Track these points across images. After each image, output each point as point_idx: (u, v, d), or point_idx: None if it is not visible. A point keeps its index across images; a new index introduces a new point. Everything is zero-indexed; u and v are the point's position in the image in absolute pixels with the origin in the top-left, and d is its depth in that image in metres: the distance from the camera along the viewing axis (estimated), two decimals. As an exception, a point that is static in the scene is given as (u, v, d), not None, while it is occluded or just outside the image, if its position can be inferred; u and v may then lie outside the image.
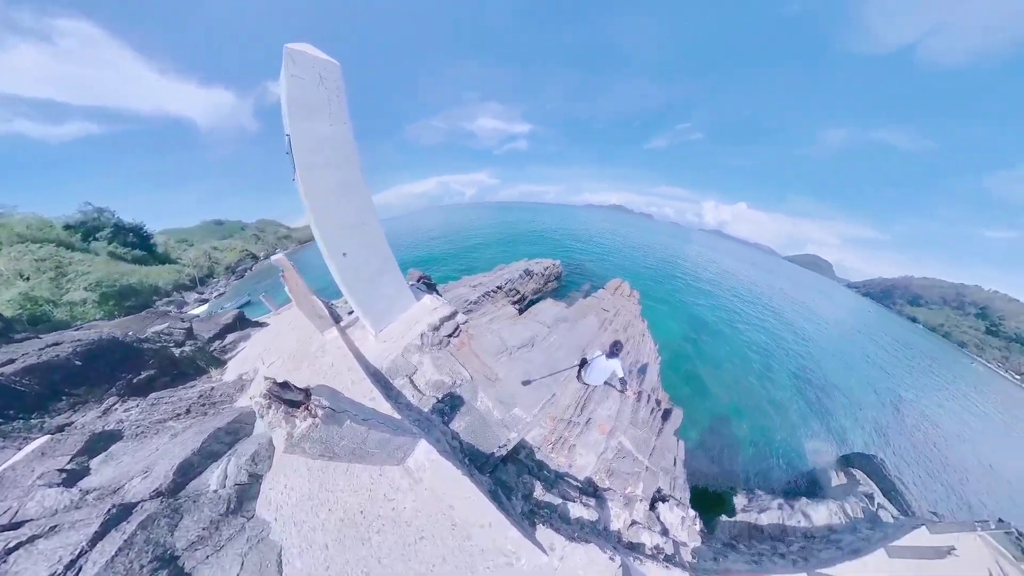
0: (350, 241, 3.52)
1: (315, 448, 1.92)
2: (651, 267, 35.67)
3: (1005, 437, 21.87)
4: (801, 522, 5.96)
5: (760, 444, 11.40)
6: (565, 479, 3.88)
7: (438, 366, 3.82)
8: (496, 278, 15.88)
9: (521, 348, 4.89)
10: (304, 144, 2.90)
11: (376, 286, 3.98)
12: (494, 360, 4.16)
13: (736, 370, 16.35)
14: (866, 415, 16.49)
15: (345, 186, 3.37)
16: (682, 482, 5.69)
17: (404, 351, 3.92)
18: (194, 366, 4.45)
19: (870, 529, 5.61)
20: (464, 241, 39.97)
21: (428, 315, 4.31)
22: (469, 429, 3.30)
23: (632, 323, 12.83)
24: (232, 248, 45.05)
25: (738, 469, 9.90)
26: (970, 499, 12.01)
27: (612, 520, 3.51)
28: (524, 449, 4.09)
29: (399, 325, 4.23)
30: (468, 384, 3.76)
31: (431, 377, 3.70)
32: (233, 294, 30.04)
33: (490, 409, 3.60)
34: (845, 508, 6.40)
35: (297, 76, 2.73)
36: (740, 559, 4.28)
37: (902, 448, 14.10)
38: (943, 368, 36.45)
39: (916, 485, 10.79)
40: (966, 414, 23.37)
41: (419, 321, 4.22)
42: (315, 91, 2.87)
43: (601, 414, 4.89)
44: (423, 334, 4.04)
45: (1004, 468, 15.47)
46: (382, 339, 4.09)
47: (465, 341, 4.30)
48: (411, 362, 3.82)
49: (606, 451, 4.43)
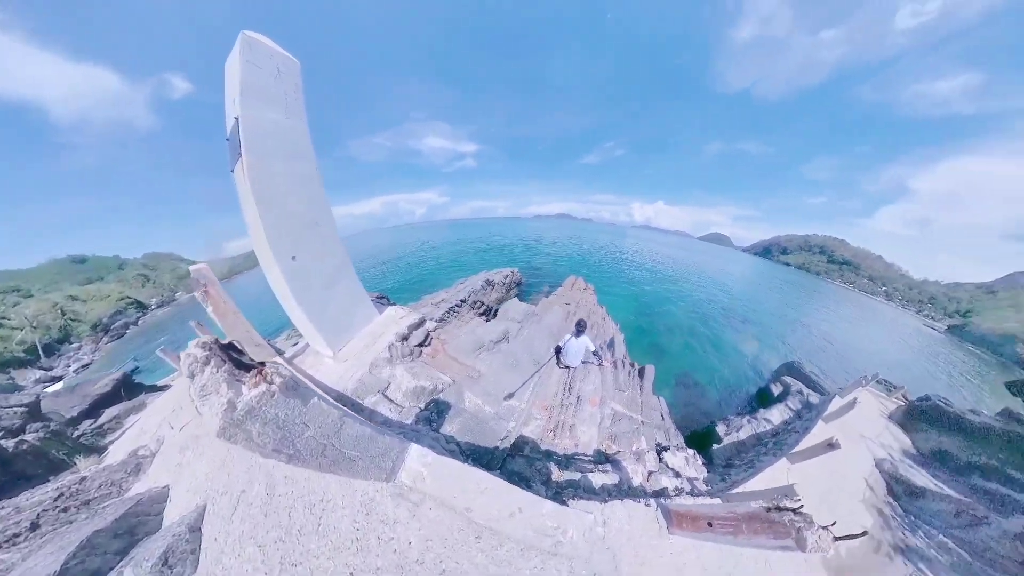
0: (301, 242, 3.10)
1: (267, 434, 1.36)
2: (599, 262, 39.70)
3: (852, 323, 33.83)
4: (767, 427, 7.44)
5: (717, 382, 13.70)
6: (576, 458, 3.85)
7: (414, 373, 3.51)
8: (458, 292, 15.50)
9: (498, 343, 4.78)
10: (255, 130, 2.63)
11: (330, 296, 3.53)
12: (473, 358, 3.96)
13: (683, 331, 19.04)
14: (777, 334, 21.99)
15: (298, 180, 3.06)
16: (674, 431, 6.45)
17: (371, 367, 3.50)
18: (44, 461, 3.09)
19: (808, 411, 7.42)
20: (421, 264, 38.21)
21: (394, 325, 3.96)
22: (464, 430, 3.07)
23: (593, 310, 13.86)
24: (102, 296, 30.41)
25: (710, 406, 11.66)
26: (848, 366, 17.67)
27: (632, 476, 3.63)
28: (527, 445, 3.93)
29: (361, 341, 3.78)
30: (451, 388, 3.53)
31: (408, 385, 3.36)
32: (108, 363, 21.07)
33: (480, 406, 3.42)
34: (788, 405, 8.48)
35: (253, 63, 2.60)
36: (741, 471, 4.98)
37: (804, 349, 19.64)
38: (810, 290, 55.61)
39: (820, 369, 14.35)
40: (829, 313, 35.79)
41: (384, 333, 3.83)
42: (272, 82, 2.76)
43: (588, 389, 5.06)
44: (391, 346, 3.68)
45: (858, 342, 24.73)
46: (342, 358, 3.59)
47: (439, 348, 4.03)
48: (382, 377, 3.42)
49: (603, 420, 4.59)
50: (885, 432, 6.74)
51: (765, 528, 1.24)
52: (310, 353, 3.75)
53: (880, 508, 4.84)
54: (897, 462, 5.79)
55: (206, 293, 3.20)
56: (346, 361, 3.56)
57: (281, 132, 2.88)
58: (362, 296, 3.93)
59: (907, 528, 4.56)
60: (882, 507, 4.87)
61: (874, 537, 4.32)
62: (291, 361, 3.66)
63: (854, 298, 62.76)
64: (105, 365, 21.49)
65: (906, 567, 3.95)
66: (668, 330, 19.11)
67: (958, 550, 4.14)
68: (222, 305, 3.27)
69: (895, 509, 4.88)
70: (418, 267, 35.94)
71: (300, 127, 3.04)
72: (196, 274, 3.21)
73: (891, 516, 4.70)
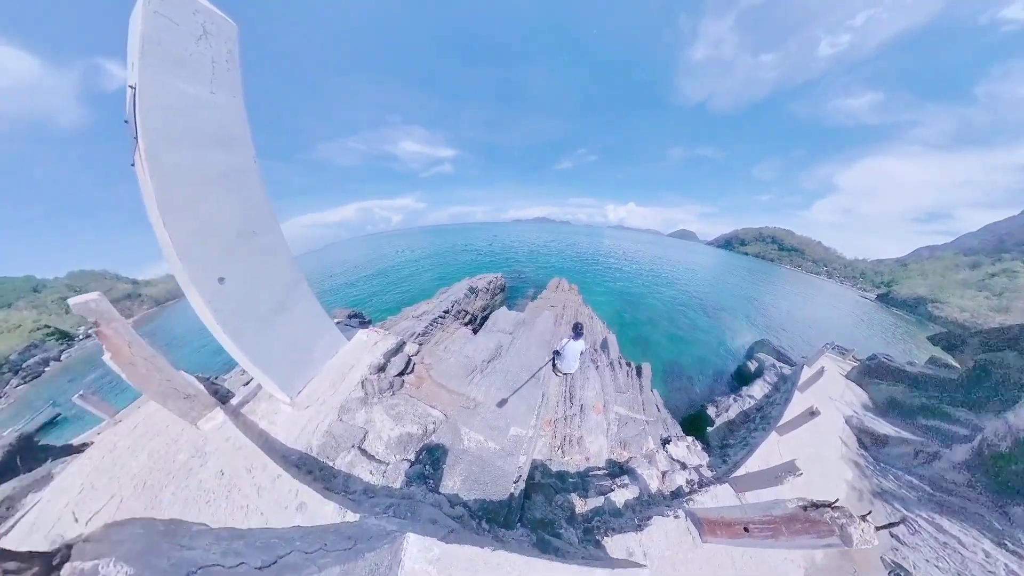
0: (231, 258, 2.30)
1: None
2: (580, 263, 40.88)
3: (805, 299, 39.72)
4: (751, 403, 8.12)
5: (700, 365, 14.60)
6: (591, 475, 3.59)
7: (397, 416, 2.91)
8: (441, 302, 14.86)
9: (492, 360, 4.36)
10: (159, 105, 1.90)
11: (280, 326, 2.73)
12: (466, 384, 3.43)
13: (664, 321, 20.08)
14: (746, 315, 24.39)
15: (225, 176, 2.28)
16: (671, 421, 6.65)
17: (341, 412, 2.85)
18: None
19: (784, 383, 8.38)
20: (398, 271, 36.46)
21: (367, 354, 3.32)
22: (470, 480, 2.54)
23: (580, 311, 14.04)
24: (11, 327, 23.74)
25: (698, 390, 12.44)
26: (807, 335, 20.56)
27: (649, 483, 3.50)
28: (537, 470, 3.54)
29: (326, 378, 3.09)
30: (445, 425, 2.98)
31: (392, 434, 2.77)
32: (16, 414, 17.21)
33: (483, 443, 2.90)
34: (766, 379, 9.43)
35: (164, 16, 1.89)
36: (737, 449, 5.26)
37: (769, 326, 21.53)
38: (768, 275, 64.41)
39: (786, 343, 16.06)
40: (786, 293, 41.84)
41: (356, 365, 3.21)
42: (192, 44, 2.04)
43: (589, 396, 4.84)
44: (365, 381, 3.06)
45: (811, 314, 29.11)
46: (303, 404, 2.88)
47: (423, 375, 3.49)
48: (356, 424, 2.81)
49: (610, 427, 4.39)
50: (846, 390, 7.62)
51: (807, 528, 1.18)
52: (264, 397, 2.96)
53: (855, 460, 5.31)
54: (861, 416, 6.49)
55: (100, 334, 2.12)
56: (308, 408, 2.85)
57: (202, 111, 2.13)
58: (324, 322, 3.18)
59: (879, 474, 5.03)
60: (856, 459, 5.36)
61: (855, 488, 4.70)
62: (238, 411, 2.87)
63: (803, 278, 75.61)
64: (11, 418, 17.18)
65: (885, 507, 4.33)
66: (650, 322, 19.98)
67: (921, 485, 4.64)
68: (125, 350, 2.23)
69: (867, 459, 5.39)
70: (397, 277, 34.21)
71: (231, 105, 2.28)
72: (80, 308, 2.06)
73: (865, 466, 5.19)
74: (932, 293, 49.21)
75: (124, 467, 2.62)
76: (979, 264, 61.60)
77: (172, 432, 2.67)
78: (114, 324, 2.25)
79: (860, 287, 72.48)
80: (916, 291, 50.90)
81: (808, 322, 26.76)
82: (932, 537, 4.04)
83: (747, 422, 7.24)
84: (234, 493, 2.14)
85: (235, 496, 2.12)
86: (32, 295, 36.00)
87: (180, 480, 2.33)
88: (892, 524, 1.04)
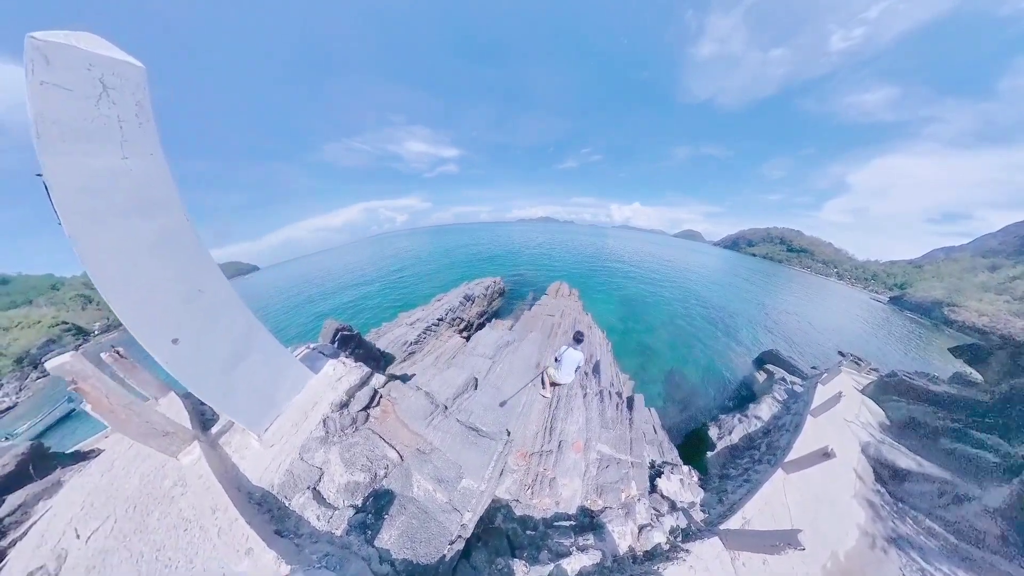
0: (182, 320, 2.37)
1: None
2: (582, 264, 40.36)
3: (815, 302, 38.57)
4: (757, 425, 7.39)
5: (706, 377, 13.93)
6: (555, 526, 3.35)
7: (349, 461, 2.83)
8: (436, 310, 14.70)
9: (459, 396, 4.08)
10: (72, 187, 1.77)
11: (239, 373, 2.81)
12: (425, 425, 3.26)
13: (667, 328, 19.45)
14: (754, 321, 23.58)
15: (161, 241, 2.24)
16: (667, 443, 6.16)
17: (302, 451, 2.84)
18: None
19: (794, 402, 7.61)
20: (400, 272, 36.50)
21: (330, 391, 3.28)
22: (407, 534, 2.44)
23: (578, 319, 13.70)
24: (30, 322, 25.34)
25: (701, 405, 11.75)
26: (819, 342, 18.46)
27: (618, 543, 3.15)
28: (500, 510, 3.38)
29: (290, 416, 3.09)
30: (399, 468, 2.88)
31: (342, 480, 2.71)
32: (36, 406, 18.14)
33: (431, 493, 2.76)
34: (775, 396, 8.40)
35: (53, 85, 1.64)
36: (736, 484, 4.76)
37: (779, 332, 20.49)
38: (776, 277, 63.16)
39: (796, 352, 15.24)
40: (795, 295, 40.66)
41: (319, 402, 3.17)
42: (92, 108, 1.81)
43: (571, 431, 4.60)
44: (326, 419, 3.02)
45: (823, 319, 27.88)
46: (269, 442, 2.91)
47: (388, 408, 3.38)
48: (314, 464, 2.77)
49: (588, 469, 4.12)
50: (863, 408, 7.08)
51: None
52: (239, 429, 3.04)
53: (870, 499, 4.85)
54: (878, 443, 5.97)
55: (78, 389, 2.28)
56: (273, 446, 2.88)
57: (120, 181, 1.98)
58: (285, 361, 3.19)
59: (896, 516, 4.57)
60: (871, 497, 4.90)
61: (868, 532, 4.26)
62: (215, 442, 2.97)
63: (813, 280, 73.23)
64: (32, 410, 18.14)
65: (900, 558, 3.89)
66: (654, 328, 19.43)
67: (944, 533, 4.18)
68: (104, 402, 2.39)
69: (884, 497, 4.93)
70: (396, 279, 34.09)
71: (149, 167, 2.11)
72: (57, 371, 2.26)
73: (881, 505, 4.73)
74: (949, 296, 46.99)
75: (119, 488, 2.75)
76: (999, 266, 58.89)
77: (160, 456, 2.79)
78: (91, 380, 2.41)
79: (872, 289, 71.30)
80: (932, 294, 49.10)
81: (819, 327, 25.56)
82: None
83: (751, 449, 6.79)
84: (200, 536, 2.21)
85: (206, 532, 2.21)
86: (51, 292, 37.71)
87: (164, 506, 2.47)
88: None
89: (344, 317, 18.95)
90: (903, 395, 7.48)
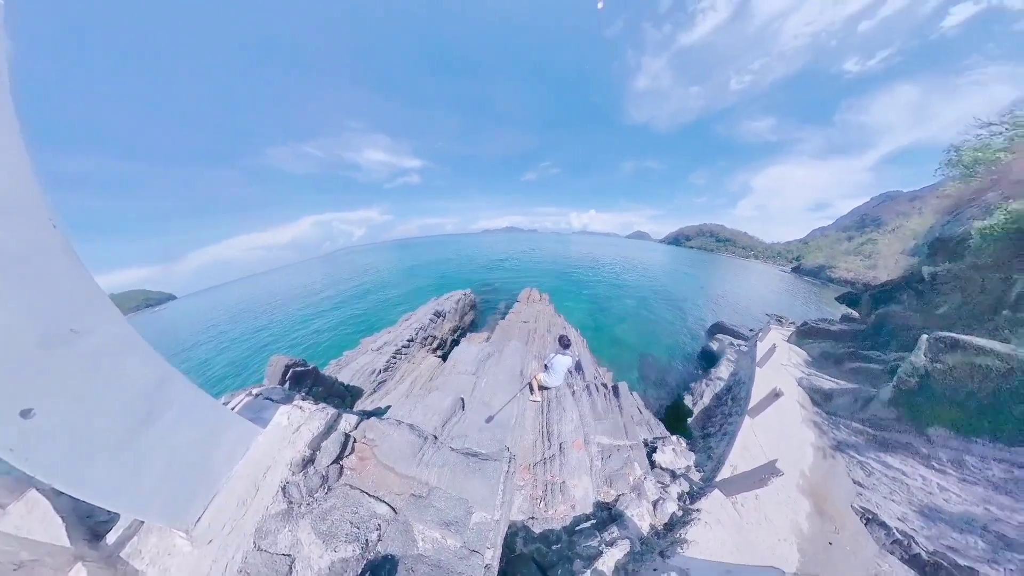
0: (37, 379, 1.49)
1: None
2: (549, 270, 42.18)
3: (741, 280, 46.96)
4: (720, 384, 8.96)
5: (672, 354, 15.58)
6: (577, 531, 3.21)
7: (327, 533, 2.23)
8: (404, 330, 13.58)
9: (448, 422, 3.71)
10: None
11: (142, 449, 1.93)
12: (415, 464, 2.75)
13: (633, 318, 21.36)
14: (701, 301, 28.19)
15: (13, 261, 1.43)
16: (653, 421, 6.69)
17: (259, 537, 2.16)
18: None
19: (744, 359, 9.53)
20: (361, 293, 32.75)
21: (287, 447, 2.61)
22: None
23: (552, 322, 14.10)
24: None
25: (673, 378, 13.10)
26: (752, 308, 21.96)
27: (640, 524, 3.24)
28: (518, 534, 3.10)
29: (232, 494, 2.35)
30: (394, 525, 2.37)
31: (323, 562, 2.11)
32: None
33: (441, 541, 2.32)
34: (728, 358, 10.74)
35: None
36: (718, 439, 5.39)
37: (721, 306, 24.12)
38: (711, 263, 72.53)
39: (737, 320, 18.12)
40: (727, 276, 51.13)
41: (273, 464, 2.50)
42: None
43: (568, 430, 4.57)
44: (286, 485, 2.39)
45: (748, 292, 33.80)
46: (204, 538, 2.14)
47: (367, 454, 2.79)
48: (279, 551, 2.12)
49: (593, 463, 4.11)
50: (791, 353, 8.57)
51: None
52: (154, 529, 2.17)
53: (813, 420, 5.84)
54: (808, 376, 7.29)
55: None
56: (211, 542, 2.13)
57: None
58: (217, 416, 2.37)
59: (833, 427, 5.59)
60: (813, 418, 5.90)
61: (818, 447, 5.09)
62: (114, 558, 2.06)
63: (738, 263, 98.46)
64: None
65: (843, 458, 4.74)
66: (621, 320, 21.03)
67: (865, 429, 5.24)
68: None
69: (821, 415, 5.98)
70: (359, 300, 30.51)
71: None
72: None
73: (820, 423, 5.72)
74: (827, 261, 67.62)
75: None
76: (852, 237, 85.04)
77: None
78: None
79: (779, 264, 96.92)
80: (817, 261, 69.17)
81: (748, 298, 32.17)
82: (883, 474, 4.48)
83: (721, 406, 7.71)
84: None
85: None
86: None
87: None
88: None
89: (296, 351, 16.40)
90: (814, 337, 9.50)
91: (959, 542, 3.39)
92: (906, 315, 7.32)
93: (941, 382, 4.48)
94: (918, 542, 3.49)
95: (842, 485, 4.36)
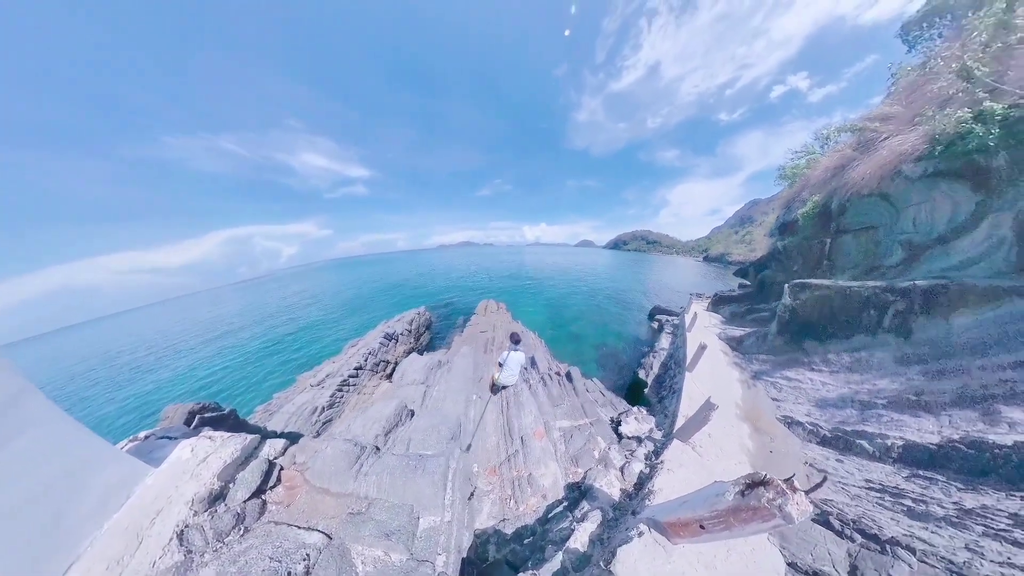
0: None
1: None
2: (506, 281, 42.72)
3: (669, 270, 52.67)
4: (664, 354, 10.50)
5: (623, 340, 16.92)
6: (551, 518, 3.16)
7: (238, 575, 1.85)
8: (351, 358, 11.52)
9: (393, 430, 3.42)
10: None
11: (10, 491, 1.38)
12: (352, 477, 2.44)
13: (587, 315, 22.99)
14: (641, 292, 30.93)
15: None
16: (616, 400, 6.99)
17: None
18: None
19: (677, 330, 11.70)
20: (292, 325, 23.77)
21: (189, 480, 2.11)
22: None
23: (509, 328, 14.24)
24: None
25: (627, 359, 14.12)
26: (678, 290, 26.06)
27: (610, 492, 3.23)
28: (489, 541, 2.91)
29: (108, 547, 1.77)
30: (327, 551, 2.05)
31: None
32: None
33: (384, 558, 2.07)
34: (667, 331, 13.00)
35: None
36: (670, 399, 5.96)
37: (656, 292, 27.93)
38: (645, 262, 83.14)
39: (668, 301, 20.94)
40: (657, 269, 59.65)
41: (166, 506, 1.98)
42: None
43: (527, 423, 4.60)
44: (183, 531, 1.92)
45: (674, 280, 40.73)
46: None
47: (296, 481, 2.41)
48: None
49: (557, 448, 4.16)
50: (710, 318, 10.24)
51: (752, 516, 1.24)
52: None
53: (735, 361, 7.00)
54: (724, 330, 8.83)
55: None
56: None
57: None
58: (92, 451, 1.85)
59: (748, 363, 6.81)
60: (734, 359, 7.08)
61: (742, 380, 6.12)
62: None
63: (666, 258, 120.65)
64: None
65: (761, 384, 5.77)
66: (576, 318, 22.31)
67: (769, 357, 6.54)
68: None
69: (738, 356, 7.22)
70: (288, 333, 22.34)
71: None
72: None
73: (739, 362, 6.92)
74: (725, 250, 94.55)
75: None
76: (738, 231, 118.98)
77: None
78: None
79: (694, 256, 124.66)
80: (718, 251, 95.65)
81: (675, 284, 38.53)
82: (787, 386, 5.59)
83: (668, 371, 8.72)
84: None
85: None
86: None
87: None
88: (817, 485, 1.23)
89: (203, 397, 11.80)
90: (724, 303, 11.74)
91: (842, 416, 4.38)
92: (775, 276, 9.91)
93: (802, 311, 6.41)
94: (822, 427, 4.34)
95: (766, 404, 5.24)
